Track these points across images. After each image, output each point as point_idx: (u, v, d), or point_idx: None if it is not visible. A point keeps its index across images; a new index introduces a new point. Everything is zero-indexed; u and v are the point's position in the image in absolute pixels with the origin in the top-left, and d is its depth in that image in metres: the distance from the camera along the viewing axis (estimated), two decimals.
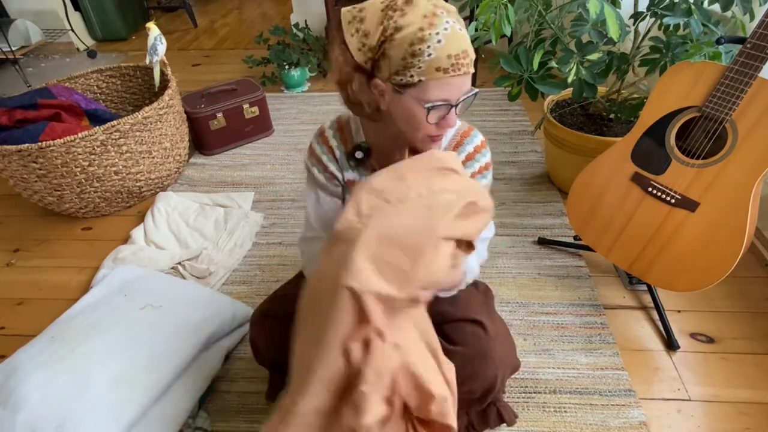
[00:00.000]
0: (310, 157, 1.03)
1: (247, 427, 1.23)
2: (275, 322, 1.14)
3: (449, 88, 0.77)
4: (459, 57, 0.74)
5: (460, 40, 0.75)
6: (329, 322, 0.68)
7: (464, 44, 0.75)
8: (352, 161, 1.00)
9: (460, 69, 0.75)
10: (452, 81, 0.76)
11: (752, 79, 1.05)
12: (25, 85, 2.97)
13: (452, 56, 0.74)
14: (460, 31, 0.75)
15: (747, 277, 1.54)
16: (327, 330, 0.68)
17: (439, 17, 0.74)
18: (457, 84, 0.77)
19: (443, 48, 0.73)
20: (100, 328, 1.27)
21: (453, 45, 0.74)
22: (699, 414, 1.20)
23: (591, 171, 1.37)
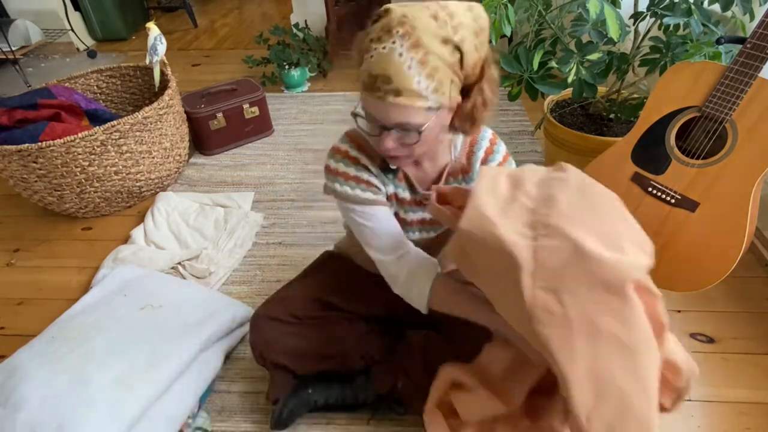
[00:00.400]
0: (334, 177, 0.94)
1: (247, 427, 1.23)
2: (276, 324, 1.14)
3: (372, 106, 0.77)
4: (376, 79, 0.73)
5: (388, 64, 0.72)
6: (638, 327, 0.66)
7: (390, 70, 0.72)
8: (389, 173, 0.97)
9: (376, 92, 0.74)
10: (371, 100, 0.76)
11: (752, 79, 1.05)
12: (25, 85, 2.97)
13: (371, 75, 0.74)
14: (399, 57, 0.71)
15: (747, 277, 1.54)
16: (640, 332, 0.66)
17: (389, 34, 0.72)
18: (377, 105, 0.75)
19: (370, 64, 0.74)
20: (100, 328, 1.27)
21: (377, 66, 0.73)
22: (699, 414, 1.20)
23: (591, 171, 1.37)
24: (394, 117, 0.76)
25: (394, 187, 0.99)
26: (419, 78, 0.73)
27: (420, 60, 0.72)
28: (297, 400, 1.17)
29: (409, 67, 0.72)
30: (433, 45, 0.72)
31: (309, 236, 1.81)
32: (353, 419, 1.22)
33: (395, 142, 0.80)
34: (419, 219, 1.03)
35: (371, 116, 0.79)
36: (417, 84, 0.73)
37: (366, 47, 0.75)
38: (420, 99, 0.74)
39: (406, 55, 0.72)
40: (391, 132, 0.79)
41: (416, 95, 0.74)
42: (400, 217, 1.03)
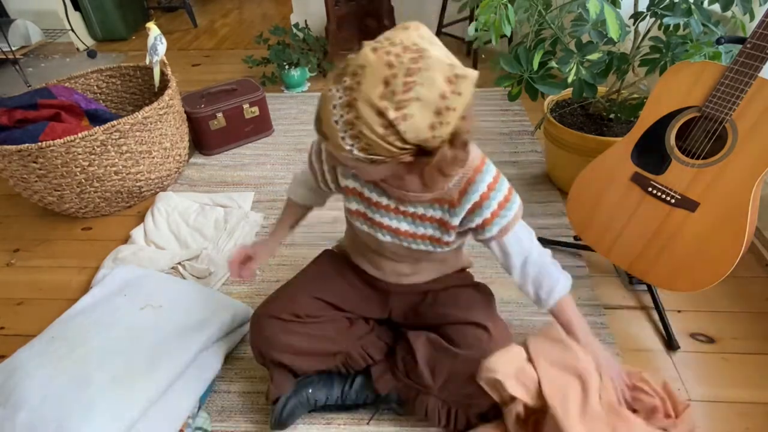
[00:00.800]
0: (311, 154, 1.09)
1: (247, 427, 1.23)
2: (276, 322, 1.14)
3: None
4: (316, 114, 0.76)
5: (321, 107, 0.74)
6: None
7: (321, 114, 0.73)
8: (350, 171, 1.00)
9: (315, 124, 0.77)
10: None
11: (752, 79, 1.05)
12: (25, 85, 2.97)
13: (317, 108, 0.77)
14: (333, 108, 0.71)
15: (747, 277, 1.54)
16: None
17: (339, 79, 0.72)
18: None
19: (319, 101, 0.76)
20: (100, 328, 1.27)
21: (319, 103, 0.75)
22: (699, 414, 1.20)
23: (591, 171, 1.37)
24: (332, 150, 0.77)
25: (360, 185, 1.01)
26: (344, 135, 0.72)
27: (347, 121, 0.70)
28: (297, 400, 1.17)
29: (336, 122, 0.71)
30: (365, 112, 0.69)
31: (309, 236, 1.81)
32: (353, 419, 1.22)
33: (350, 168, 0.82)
34: (394, 227, 1.02)
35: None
36: (341, 140, 0.72)
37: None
38: (344, 151, 0.73)
39: (338, 110, 0.70)
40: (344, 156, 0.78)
41: (340, 147, 0.73)
42: (369, 217, 1.03)
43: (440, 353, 1.09)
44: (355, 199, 1.03)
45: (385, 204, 1.00)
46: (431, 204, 0.97)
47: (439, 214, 0.98)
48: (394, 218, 1.01)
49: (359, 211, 1.04)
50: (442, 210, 0.97)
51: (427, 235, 1.01)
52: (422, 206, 0.98)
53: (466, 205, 0.94)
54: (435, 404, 1.11)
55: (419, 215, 0.99)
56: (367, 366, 1.20)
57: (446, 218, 0.97)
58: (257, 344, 1.16)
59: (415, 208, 0.98)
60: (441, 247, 1.02)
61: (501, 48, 3.08)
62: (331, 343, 1.17)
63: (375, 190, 1.00)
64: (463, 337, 1.09)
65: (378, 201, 1.00)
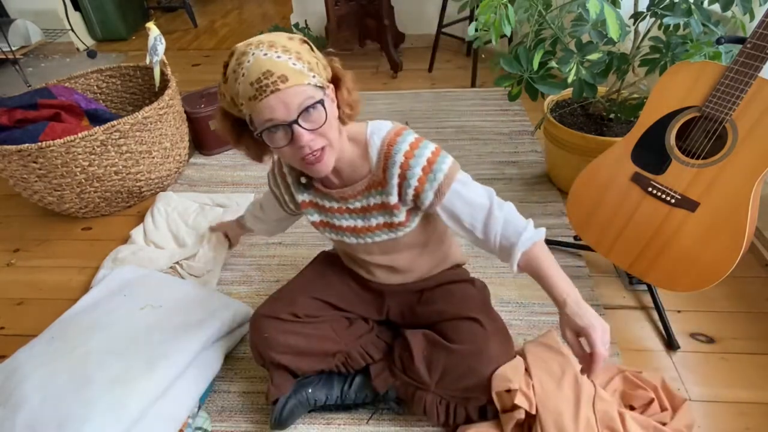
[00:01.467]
0: (271, 175, 1.13)
1: (247, 427, 1.23)
2: (276, 323, 1.15)
3: (269, 110, 0.79)
4: (260, 80, 0.77)
5: (261, 64, 0.77)
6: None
7: (265, 66, 0.77)
8: (301, 186, 1.05)
9: (266, 90, 0.77)
10: (266, 102, 0.78)
11: (752, 79, 1.05)
12: (25, 85, 2.97)
13: (254, 82, 0.77)
14: (265, 55, 0.77)
15: (747, 277, 1.54)
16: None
17: (245, 54, 0.79)
18: (273, 103, 0.78)
19: (246, 78, 0.78)
20: (99, 327, 1.27)
21: (254, 72, 0.77)
22: (699, 414, 1.20)
23: (591, 171, 1.37)
24: (293, 101, 0.79)
25: (311, 196, 1.06)
26: (291, 61, 0.78)
27: (282, 50, 0.79)
28: (296, 400, 1.17)
29: (279, 57, 0.78)
30: (284, 41, 0.80)
31: (309, 236, 1.81)
32: (353, 419, 1.22)
33: (308, 133, 0.82)
34: (351, 226, 1.05)
35: (272, 123, 0.80)
36: (293, 65, 0.78)
37: (231, 75, 0.81)
38: (303, 76, 0.79)
39: (270, 52, 0.78)
40: (298, 124, 0.80)
41: (298, 73, 0.79)
42: (331, 224, 1.07)
43: (435, 349, 1.10)
44: (314, 211, 1.08)
45: (336, 207, 1.04)
46: (367, 193, 0.99)
47: (378, 199, 0.99)
48: (348, 218, 1.05)
49: (322, 221, 1.08)
50: (378, 193, 0.99)
51: (380, 224, 1.03)
52: (363, 198, 1.00)
53: (392, 180, 0.94)
54: (433, 400, 1.11)
55: (363, 208, 1.02)
56: (367, 366, 1.21)
57: (384, 200, 0.98)
58: (257, 344, 1.16)
59: (359, 201, 1.01)
60: (401, 230, 1.04)
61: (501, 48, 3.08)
62: (330, 343, 1.17)
63: (325, 197, 1.04)
64: (457, 332, 1.10)
65: (330, 206, 1.04)
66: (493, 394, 1.05)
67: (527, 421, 1.06)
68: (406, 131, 0.95)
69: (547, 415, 1.02)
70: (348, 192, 1.00)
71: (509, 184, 2.00)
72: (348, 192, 1.00)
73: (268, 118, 0.80)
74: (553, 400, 1.04)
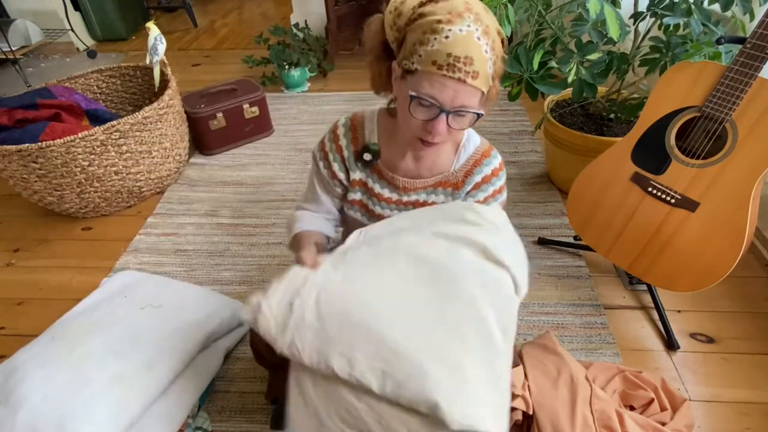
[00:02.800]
0: (319, 150, 1.04)
1: (247, 427, 1.23)
2: None
3: (440, 87, 0.75)
4: (458, 59, 0.73)
5: (470, 45, 0.73)
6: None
7: (472, 52, 0.73)
8: (359, 162, 1.00)
9: (456, 72, 0.74)
10: (444, 81, 0.75)
11: (752, 79, 1.05)
12: (25, 85, 2.97)
13: (452, 56, 0.73)
14: (478, 40, 0.73)
15: (747, 277, 1.54)
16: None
17: (462, 18, 0.73)
18: (449, 86, 0.75)
19: (447, 44, 0.73)
20: (100, 328, 1.27)
21: (459, 46, 0.73)
22: (699, 414, 1.20)
23: (591, 171, 1.37)
24: (460, 99, 0.77)
25: (366, 175, 1.01)
26: (489, 63, 0.77)
27: (491, 46, 0.76)
28: None
29: (486, 51, 0.75)
30: (494, 33, 0.77)
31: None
32: None
33: (447, 128, 0.81)
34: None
35: (431, 99, 0.77)
36: (488, 68, 0.77)
37: (433, 27, 0.74)
38: (486, 84, 0.78)
39: (483, 39, 0.74)
40: (448, 116, 0.79)
41: (486, 80, 0.78)
42: (369, 209, 1.04)
43: None
44: (360, 190, 1.04)
45: (386, 196, 1.02)
46: (434, 189, 1.00)
47: (442, 198, 1.00)
48: (395, 209, 1.03)
49: (361, 201, 1.05)
50: (445, 194, 1.00)
51: None
52: (425, 192, 1.00)
53: (468, 186, 0.98)
54: None
55: (421, 203, 1.01)
56: None
57: (449, 200, 1.00)
58: (257, 345, 1.16)
59: (418, 195, 1.00)
60: None
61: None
62: None
63: (379, 181, 1.01)
64: None
65: (380, 193, 1.02)
66: None
67: (525, 422, 1.06)
68: (495, 151, 1.00)
69: (543, 415, 1.02)
70: (417, 183, 0.99)
71: (509, 184, 1.99)
72: (417, 183, 0.99)
73: (432, 95, 0.77)
74: (549, 400, 1.04)
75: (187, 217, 1.96)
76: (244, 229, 1.88)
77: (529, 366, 1.11)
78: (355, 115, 1.01)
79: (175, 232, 1.89)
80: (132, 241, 1.85)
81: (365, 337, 0.75)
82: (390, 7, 0.81)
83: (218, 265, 1.72)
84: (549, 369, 1.11)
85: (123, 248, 1.82)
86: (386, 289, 0.81)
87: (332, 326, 0.77)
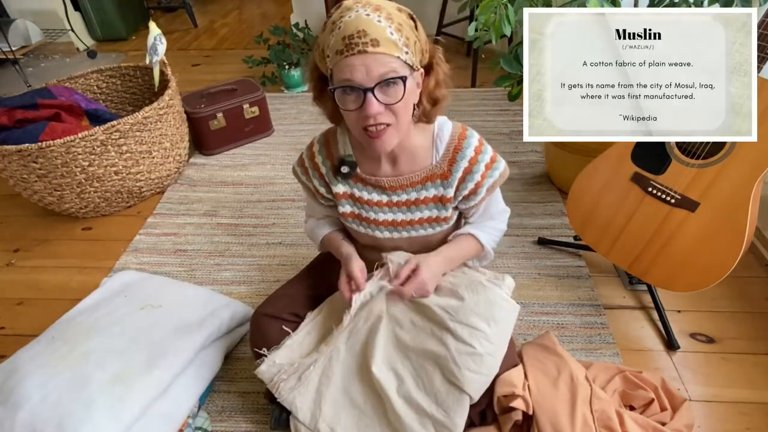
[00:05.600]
0: (299, 165, 1.09)
1: (247, 427, 1.23)
2: (276, 322, 1.14)
3: (349, 69, 0.79)
4: (352, 37, 0.77)
5: (359, 22, 0.77)
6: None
7: (363, 25, 0.77)
8: (339, 176, 1.02)
9: (354, 47, 0.77)
10: (349, 61, 0.78)
11: None
12: (25, 85, 2.97)
13: (346, 37, 0.77)
14: (366, 15, 0.77)
15: (747, 277, 1.54)
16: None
17: (349, 9, 0.79)
18: (356, 64, 0.78)
19: (341, 31, 0.78)
20: (99, 327, 1.27)
21: (350, 27, 0.77)
22: (699, 414, 1.20)
23: (591, 171, 1.37)
24: (375, 69, 0.79)
25: (349, 187, 1.03)
26: (390, 30, 0.78)
27: (386, 17, 0.79)
28: None
29: (379, 20, 0.78)
30: (391, 9, 0.81)
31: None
32: None
33: (379, 105, 0.81)
34: (390, 220, 1.04)
35: (350, 83, 0.80)
36: (390, 34, 0.79)
37: (330, 26, 0.81)
38: (395, 48, 0.79)
39: (373, 14, 0.78)
40: (374, 94, 0.80)
41: (392, 44, 0.79)
42: (363, 217, 1.05)
43: None
44: (347, 203, 1.05)
45: (376, 200, 1.02)
46: (423, 185, 1.00)
47: (433, 192, 1.00)
48: (388, 212, 1.03)
49: (353, 213, 1.06)
50: (435, 186, 1.00)
51: (424, 218, 1.03)
52: (415, 190, 1.00)
53: (456, 173, 0.98)
54: None
55: (413, 201, 1.01)
56: None
57: (441, 192, 1.00)
58: (257, 345, 1.16)
59: (408, 194, 1.01)
60: (440, 225, 1.05)
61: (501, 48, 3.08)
62: None
63: (365, 188, 1.02)
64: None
65: (369, 199, 1.02)
66: (495, 398, 1.05)
67: (525, 422, 1.06)
68: (470, 130, 1.00)
69: (543, 415, 1.02)
70: (402, 181, 0.99)
71: (509, 184, 2.00)
72: (402, 181, 0.99)
73: (347, 78, 0.80)
74: (549, 400, 1.04)
75: (187, 217, 1.96)
76: (244, 229, 1.88)
77: (529, 366, 1.11)
78: (327, 131, 1.05)
79: (175, 232, 1.89)
80: (132, 241, 1.85)
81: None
82: (312, 44, 0.88)
83: (218, 265, 1.72)
84: (549, 369, 1.11)
85: (123, 248, 1.82)
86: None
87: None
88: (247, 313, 1.43)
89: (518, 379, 1.05)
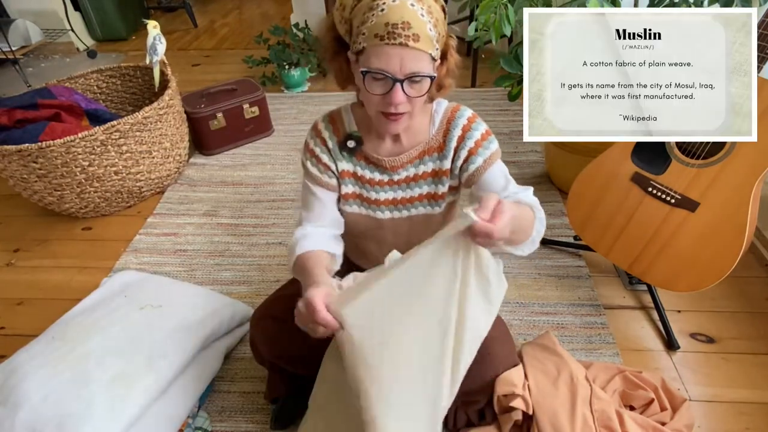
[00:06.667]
0: (305, 152, 1.07)
1: (247, 427, 1.23)
2: (275, 323, 1.14)
3: (386, 58, 0.79)
4: (397, 26, 0.77)
5: (405, 11, 0.77)
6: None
7: (408, 17, 0.77)
8: (344, 151, 1.03)
9: (396, 38, 0.77)
10: (388, 50, 0.78)
11: None
12: (25, 85, 2.97)
13: (390, 24, 0.77)
14: (412, 6, 0.78)
15: (747, 277, 1.54)
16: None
17: None
18: (393, 54, 0.79)
19: (384, 15, 0.77)
20: (99, 327, 1.27)
21: (395, 14, 0.77)
22: (699, 414, 1.20)
23: (591, 171, 1.37)
24: (409, 65, 0.80)
25: (353, 165, 1.03)
26: (429, 25, 0.79)
27: (427, 10, 0.79)
28: (296, 400, 1.17)
29: (422, 15, 0.78)
30: (431, 1, 0.81)
31: None
32: None
33: (404, 97, 0.83)
34: (390, 199, 1.05)
35: (383, 72, 0.81)
36: (429, 30, 0.79)
37: (370, 6, 0.79)
38: (431, 46, 0.80)
39: (417, 5, 0.78)
40: (402, 84, 0.81)
41: (430, 41, 0.80)
42: (364, 197, 1.05)
43: None
44: (350, 182, 1.05)
45: (378, 180, 1.03)
46: (420, 159, 1.01)
47: (431, 166, 1.01)
48: (389, 190, 1.04)
49: (354, 193, 1.06)
50: (432, 160, 1.01)
51: (423, 194, 1.04)
52: (413, 166, 1.01)
53: (451, 143, 0.99)
54: None
55: (412, 177, 1.02)
56: None
57: (438, 166, 1.01)
58: (257, 345, 1.16)
59: (407, 171, 1.02)
60: (438, 204, 1.05)
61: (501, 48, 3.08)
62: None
63: (368, 167, 1.03)
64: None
65: (371, 178, 1.03)
66: (495, 398, 1.05)
67: (525, 422, 1.06)
68: (464, 106, 1.01)
69: (542, 415, 1.02)
70: (402, 159, 1.01)
71: None
72: (402, 159, 1.01)
73: (381, 67, 0.80)
74: (549, 400, 1.04)
75: (187, 217, 1.96)
76: (244, 229, 1.88)
77: (529, 366, 1.11)
78: (331, 112, 1.06)
79: (175, 232, 1.89)
80: (132, 241, 1.85)
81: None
82: (336, 4, 0.86)
83: (218, 265, 1.72)
84: (549, 369, 1.11)
85: (123, 248, 1.82)
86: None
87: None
88: (247, 313, 1.43)
89: (518, 378, 1.05)
